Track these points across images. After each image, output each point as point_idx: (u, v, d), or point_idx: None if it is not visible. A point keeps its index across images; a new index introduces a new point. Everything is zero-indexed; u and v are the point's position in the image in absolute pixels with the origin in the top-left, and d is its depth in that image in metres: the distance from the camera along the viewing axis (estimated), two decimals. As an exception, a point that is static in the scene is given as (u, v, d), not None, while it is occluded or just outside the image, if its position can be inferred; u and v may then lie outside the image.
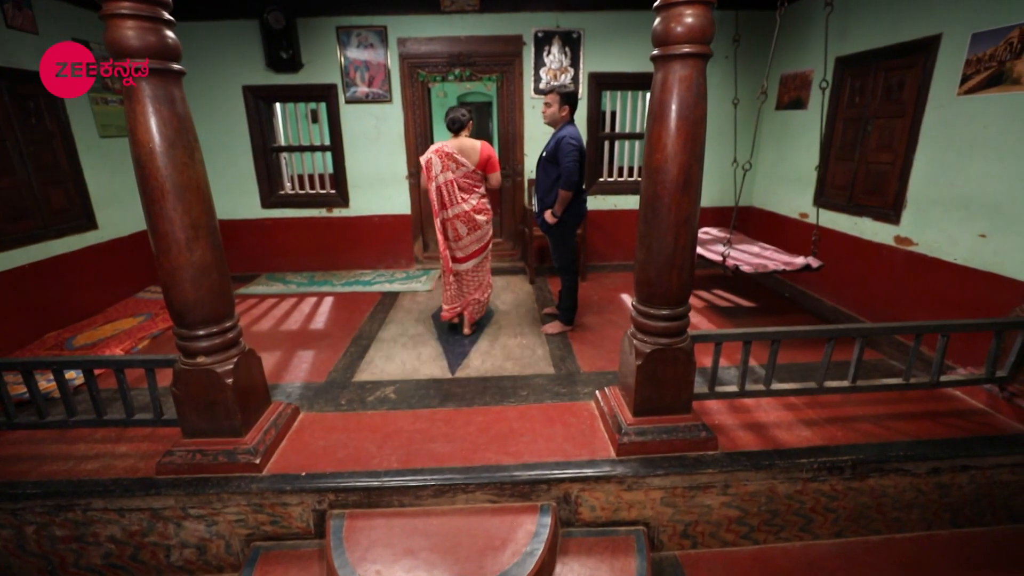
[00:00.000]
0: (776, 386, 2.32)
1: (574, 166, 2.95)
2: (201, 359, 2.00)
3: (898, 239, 3.26)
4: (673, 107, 1.81)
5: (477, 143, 3.13)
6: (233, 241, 4.89)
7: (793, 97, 4.28)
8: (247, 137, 4.72)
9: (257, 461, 2.05)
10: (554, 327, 3.45)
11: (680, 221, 1.91)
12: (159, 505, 2.00)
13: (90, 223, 3.90)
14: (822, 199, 3.94)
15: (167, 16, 1.71)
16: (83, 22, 3.83)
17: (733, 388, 2.32)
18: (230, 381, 2.01)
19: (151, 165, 1.75)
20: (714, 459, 2.10)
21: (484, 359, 3.08)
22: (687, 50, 1.74)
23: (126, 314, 3.81)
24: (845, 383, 2.32)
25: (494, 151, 3.18)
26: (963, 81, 2.78)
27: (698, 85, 1.80)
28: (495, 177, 3.20)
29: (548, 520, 1.98)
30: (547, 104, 3.11)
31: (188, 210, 1.84)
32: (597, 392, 2.52)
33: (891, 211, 3.30)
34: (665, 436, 2.13)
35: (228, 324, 2.06)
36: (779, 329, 2.24)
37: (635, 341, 2.12)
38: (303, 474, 2.06)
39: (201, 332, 1.98)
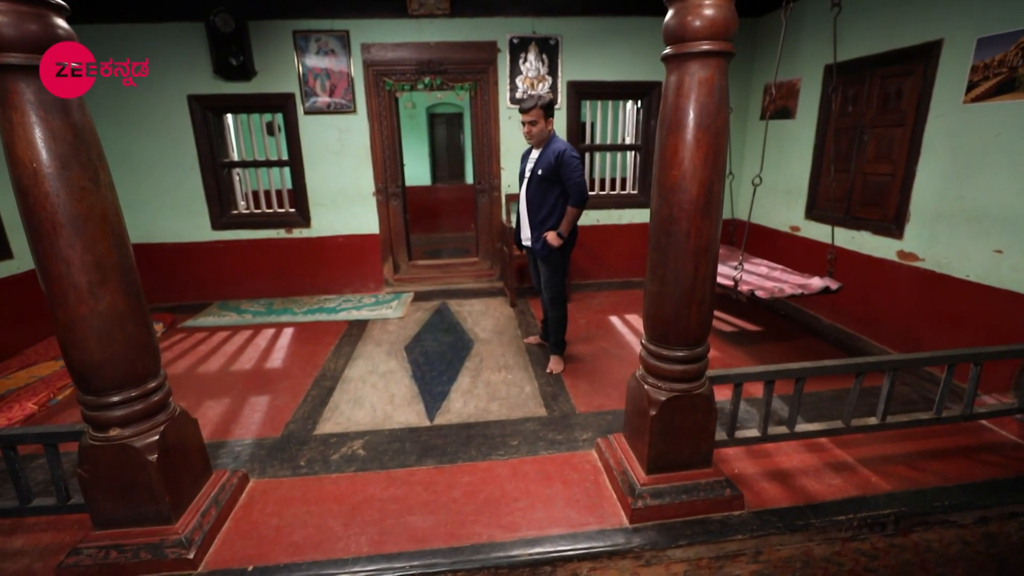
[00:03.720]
0: (801, 427, 2.05)
1: (583, 181, 2.76)
2: (115, 432, 1.59)
3: (902, 254, 3.09)
4: (691, 115, 1.53)
5: None
6: (179, 268, 4.42)
7: (780, 106, 4.13)
8: (194, 152, 4.25)
9: (191, 556, 1.64)
10: (557, 364, 3.03)
11: (701, 248, 1.63)
12: (59, 622, 1.57)
13: (3, 252, 3.37)
14: (817, 212, 3.76)
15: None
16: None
17: (754, 432, 2.04)
18: (154, 457, 1.61)
19: (36, 191, 1.36)
20: (742, 521, 1.81)
21: (466, 400, 2.73)
22: (707, 47, 1.47)
23: (47, 357, 3.29)
24: (873, 420, 2.08)
25: None
26: (969, 88, 2.63)
27: (720, 89, 1.52)
28: None
29: (554, 611, 1.64)
30: (531, 123, 2.74)
31: (90, 247, 1.44)
32: (599, 440, 2.21)
33: (892, 224, 3.13)
34: (685, 496, 1.82)
35: (152, 385, 1.66)
36: (804, 365, 1.98)
37: (647, 386, 1.82)
38: (250, 569, 1.66)
39: (115, 399, 1.57)
